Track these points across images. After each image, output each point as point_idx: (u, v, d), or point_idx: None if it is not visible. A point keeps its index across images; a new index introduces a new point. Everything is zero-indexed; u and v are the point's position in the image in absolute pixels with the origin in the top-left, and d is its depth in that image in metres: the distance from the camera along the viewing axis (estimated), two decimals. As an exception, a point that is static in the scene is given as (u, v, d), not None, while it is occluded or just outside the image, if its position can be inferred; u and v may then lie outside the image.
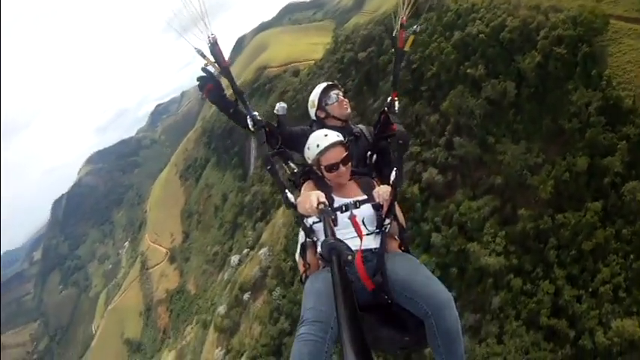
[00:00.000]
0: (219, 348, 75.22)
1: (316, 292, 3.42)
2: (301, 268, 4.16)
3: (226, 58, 4.31)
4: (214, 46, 4.12)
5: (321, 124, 4.88)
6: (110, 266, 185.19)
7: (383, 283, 3.56)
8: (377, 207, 4.03)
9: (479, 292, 47.67)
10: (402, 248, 4.10)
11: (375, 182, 4.47)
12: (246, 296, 74.31)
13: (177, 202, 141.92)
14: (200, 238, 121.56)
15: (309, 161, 4.30)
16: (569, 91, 46.84)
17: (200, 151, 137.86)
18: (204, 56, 4.16)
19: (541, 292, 43.48)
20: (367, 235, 3.91)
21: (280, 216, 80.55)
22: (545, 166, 46.96)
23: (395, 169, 4.26)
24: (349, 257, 2.44)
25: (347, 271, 2.23)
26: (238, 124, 4.60)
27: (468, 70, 53.61)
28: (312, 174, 4.44)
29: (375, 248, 3.86)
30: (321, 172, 4.24)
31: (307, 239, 4.17)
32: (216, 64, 4.24)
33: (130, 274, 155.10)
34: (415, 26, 4.85)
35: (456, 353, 3.44)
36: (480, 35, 54.91)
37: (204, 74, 4.35)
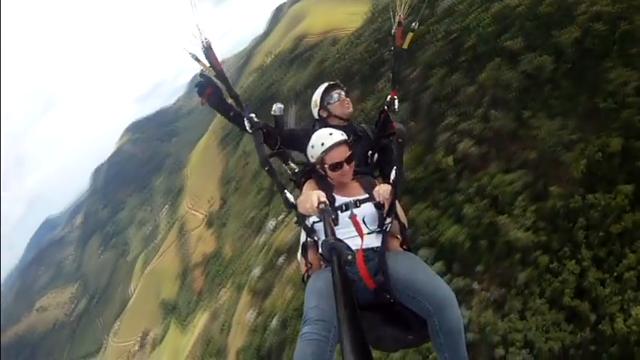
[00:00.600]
0: (252, 310, 78.21)
1: (318, 292, 3.51)
2: (303, 268, 4.27)
3: (220, 62, 4.39)
4: (208, 51, 4.19)
5: (323, 123, 5.02)
6: (149, 231, 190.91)
7: (385, 282, 3.66)
8: (378, 206, 4.14)
9: (506, 266, 47.90)
10: (404, 247, 4.22)
11: (376, 181, 4.64)
12: (280, 260, 76.24)
13: (216, 169, 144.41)
14: (237, 204, 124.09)
15: (313, 160, 4.40)
16: (607, 69, 46.31)
17: None
18: (198, 61, 4.22)
19: (566, 271, 43.52)
20: (368, 234, 4.02)
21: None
22: (579, 144, 46.60)
23: (395, 167, 4.31)
24: (349, 257, 2.50)
25: (348, 271, 2.31)
26: (239, 127, 4.67)
27: (506, 43, 53.41)
28: (313, 173, 4.57)
29: (377, 247, 3.96)
30: (325, 171, 4.36)
31: (308, 239, 4.28)
32: (211, 69, 4.32)
33: (167, 238, 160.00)
34: (413, 24, 5.00)
35: (459, 352, 3.49)
36: (519, 8, 54.47)
37: (202, 80, 4.48)
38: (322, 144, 4.23)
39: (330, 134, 4.31)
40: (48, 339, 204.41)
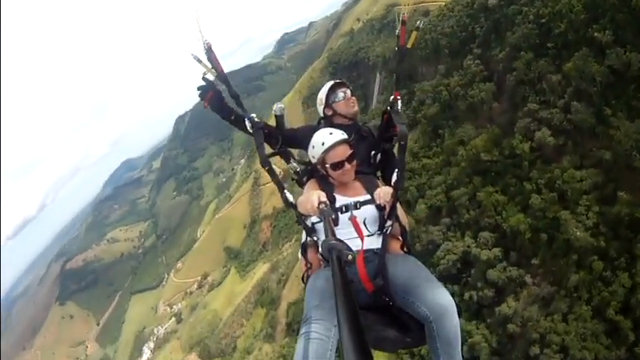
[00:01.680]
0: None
1: (319, 291, 3.51)
2: (303, 267, 4.28)
3: (221, 65, 4.39)
4: (209, 53, 4.21)
5: (329, 121, 5.02)
6: (224, 180, 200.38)
7: (384, 286, 3.67)
8: (379, 208, 4.13)
9: (561, 264, 49.48)
10: (405, 250, 4.21)
11: (378, 182, 4.64)
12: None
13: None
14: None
15: (314, 160, 4.43)
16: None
17: (325, 80, 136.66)
18: (200, 62, 4.23)
19: (618, 283, 44.30)
20: (368, 236, 4.01)
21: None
22: (656, 153, 46.10)
23: (397, 170, 4.31)
24: (349, 257, 2.51)
25: (347, 272, 2.30)
26: (240, 129, 4.71)
27: (595, 34, 52.00)
28: (316, 172, 4.57)
29: (377, 249, 3.95)
30: (326, 171, 4.37)
31: (308, 238, 4.30)
32: (213, 70, 4.32)
33: (241, 188, 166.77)
34: (418, 22, 4.98)
35: (455, 359, 3.51)
36: (612, -3, 52.76)
37: (204, 84, 4.46)
38: (323, 143, 4.28)
39: (331, 134, 4.34)
40: (112, 269, 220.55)
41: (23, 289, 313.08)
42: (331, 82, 5.07)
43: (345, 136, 4.36)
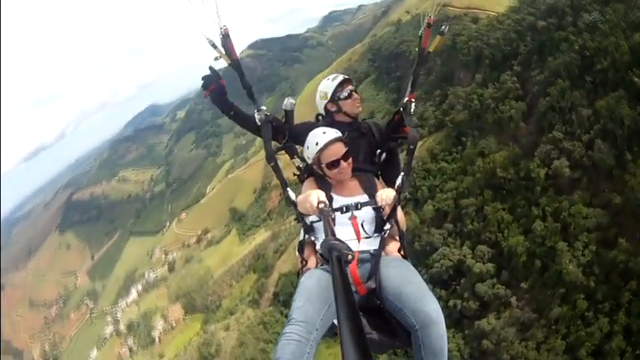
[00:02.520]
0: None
1: (307, 292, 3.51)
2: (298, 265, 4.33)
3: (236, 53, 4.35)
4: (225, 39, 4.17)
5: (330, 118, 4.95)
6: (244, 142, 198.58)
7: (375, 289, 3.69)
8: (378, 210, 4.14)
9: (548, 294, 50.72)
10: (401, 253, 4.18)
11: (378, 181, 4.63)
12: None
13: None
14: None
15: (309, 160, 4.45)
16: None
17: (363, 65, 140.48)
18: (215, 47, 4.20)
19: (596, 326, 45.28)
20: (366, 238, 4.06)
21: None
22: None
23: (402, 174, 4.32)
24: (349, 257, 2.55)
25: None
26: (242, 126, 4.75)
27: (635, 79, 52.38)
28: (315, 170, 4.55)
29: (374, 250, 4.01)
30: (322, 171, 4.39)
31: (306, 237, 4.34)
32: (226, 57, 4.28)
33: (259, 154, 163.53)
34: (443, 26, 4.90)
35: None
36: (661, 47, 52.61)
37: (210, 74, 4.45)
38: (316, 143, 4.28)
39: (324, 133, 4.34)
40: (117, 208, 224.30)
41: (27, 211, 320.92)
42: (340, 78, 4.99)
43: (339, 134, 4.40)
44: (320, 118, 5.07)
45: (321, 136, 4.33)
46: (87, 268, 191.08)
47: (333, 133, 4.36)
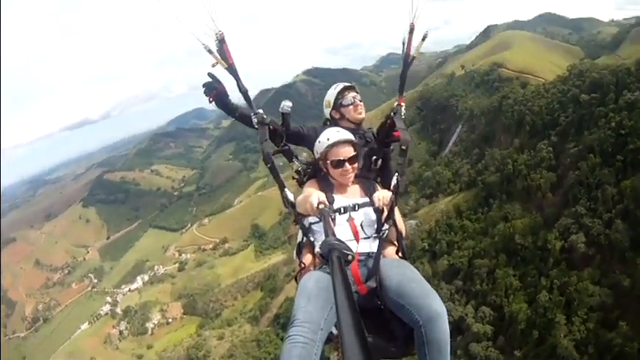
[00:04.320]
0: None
1: (307, 293, 3.44)
2: (297, 268, 4.27)
3: (232, 57, 4.37)
4: (221, 44, 4.22)
5: (335, 125, 4.93)
6: (281, 164, 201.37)
7: (376, 289, 3.67)
8: (377, 211, 4.17)
9: None
10: (400, 254, 4.21)
11: (378, 186, 4.64)
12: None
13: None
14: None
15: (317, 155, 4.47)
16: None
17: (410, 112, 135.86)
18: (211, 53, 4.23)
19: None
20: (364, 238, 4.03)
21: (443, 203, 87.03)
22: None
23: (397, 174, 4.36)
24: (349, 257, 2.61)
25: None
26: (248, 126, 4.73)
27: None
28: (318, 173, 4.64)
29: (372, 252, 3.97)
30: (327, 168, 4.42)
31: (304, 239, 4.32)
32: (222, 62, 4.29)
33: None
34: (425, 31, 4.83)
35: None
36: None
37: (210, 80, 4.48)
38: (328, 139, 4.32)
39: (338, 131, 4.40)
40: (144, 197, 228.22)
41: (56, 177, 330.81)
42: (341, 85, 5.03)
43: (352, 137, 4.40)
44: (327, 123, 5.10)
45: (334, 134, 4.38)
46: (100, 246, 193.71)
47: (346, 134, 4.39)
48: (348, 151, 4.29)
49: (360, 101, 4.96)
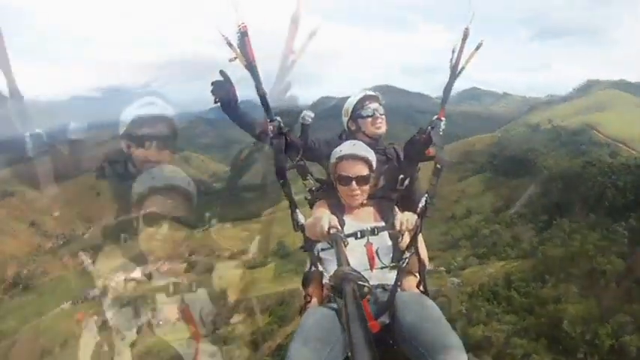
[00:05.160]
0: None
1: (305, 333, 3.36)
2: (302, 301, 4.26)
3: (253, 54, 4.22)
4: (243, 37, 4.12)
5: (352, 136, 4.94)
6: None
7: (389, 325, 3.61)
8: (394, 237, 4.05)
9: None
10: (420, 288, 4.09)
11: (396, 208, 4.44)
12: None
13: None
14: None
15: (329, 167, 4.47)
16: None
17: (484, 156, 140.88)
18: (231, 46, 4.14)
19: None
20: (381, 268, 3.97)
21: (494, 267, 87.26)
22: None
23: (426, 195, 4.26)
24: (365, 289, 2.57)
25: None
26: (249, 133, 4.72)
27: None
28: (329, 192, 4.59)
29: (386, 285, 3.89)
30: (334, 182, 4.41)
31: (313, 268, 4.24)
32: (242, 57, 4.18)
33: None
34: (481, 40, 4.64)
35: None
36: None
37: (221, 80, 4.33)
38: (340, 150, 4.30)
39: (354, 145, 4.39)
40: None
41: (77, 139, 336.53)
42: (362, 94, 5.01)
43: (370, 155, 4.32)
44: (344, 136, 5.02)
45: (348, 146, 4.36)
46: (105, 224, 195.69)
47: (363, 151, 4.31)
48: (359, 170, 4.24)
49: (382, 115, 4.93)
